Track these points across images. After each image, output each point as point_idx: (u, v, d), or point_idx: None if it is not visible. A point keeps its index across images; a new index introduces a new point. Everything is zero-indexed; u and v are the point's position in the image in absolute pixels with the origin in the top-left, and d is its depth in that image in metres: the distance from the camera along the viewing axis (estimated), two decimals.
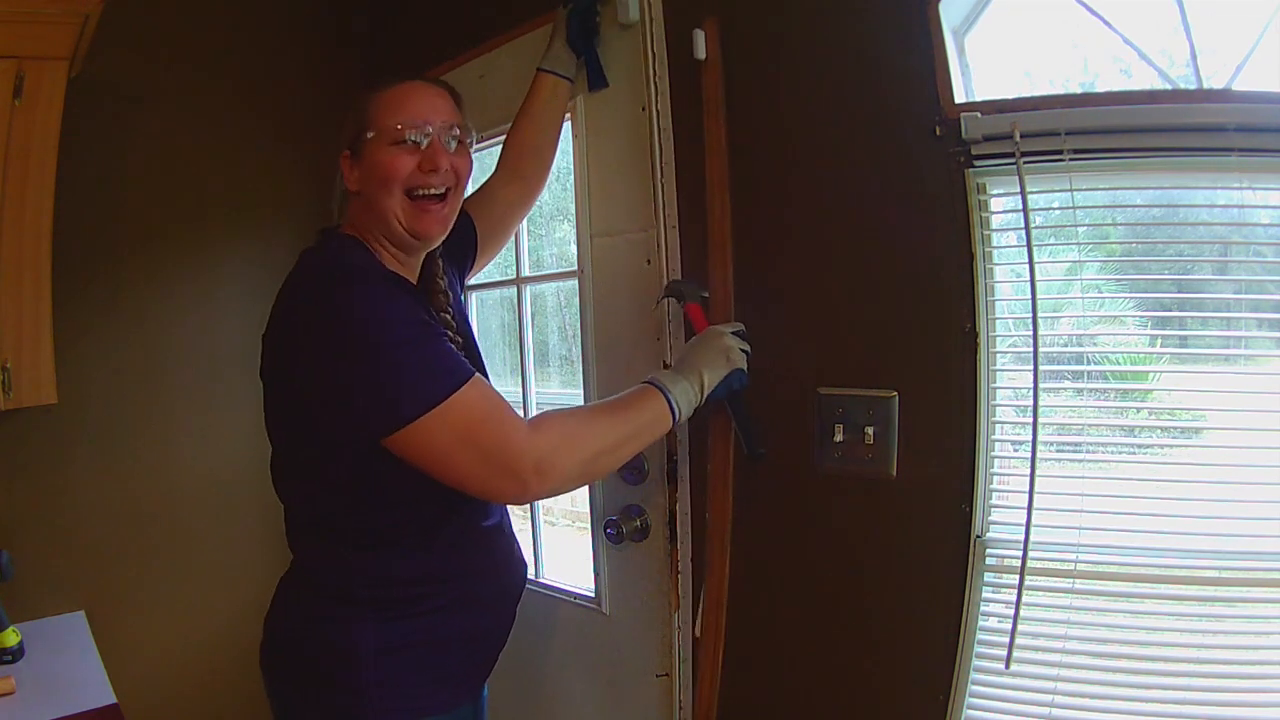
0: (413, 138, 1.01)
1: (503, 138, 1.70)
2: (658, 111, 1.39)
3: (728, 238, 1.33)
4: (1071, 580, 1.10)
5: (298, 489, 1.06)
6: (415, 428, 0.91)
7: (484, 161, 1.88)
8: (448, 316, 1.15)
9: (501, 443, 0.94)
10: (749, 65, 1.32)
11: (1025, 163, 1.06)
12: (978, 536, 1.14)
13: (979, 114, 1.08)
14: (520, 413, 1.73)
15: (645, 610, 1.47)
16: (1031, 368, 1.08)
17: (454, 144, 1.05)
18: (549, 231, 1.85)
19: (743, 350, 1.18)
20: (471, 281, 1.84)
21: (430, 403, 0.90)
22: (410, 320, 0.96)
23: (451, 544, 1.06)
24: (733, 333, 1.19)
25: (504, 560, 1.15)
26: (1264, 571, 1.02)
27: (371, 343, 0.92)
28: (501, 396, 0.99)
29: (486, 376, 1.13)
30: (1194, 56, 1.06)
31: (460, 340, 1.13)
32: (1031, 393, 1.07)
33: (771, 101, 1.30)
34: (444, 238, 1.10)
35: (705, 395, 1.12)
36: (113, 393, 1.79)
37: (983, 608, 1.15)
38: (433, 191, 1.03)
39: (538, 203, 1.83)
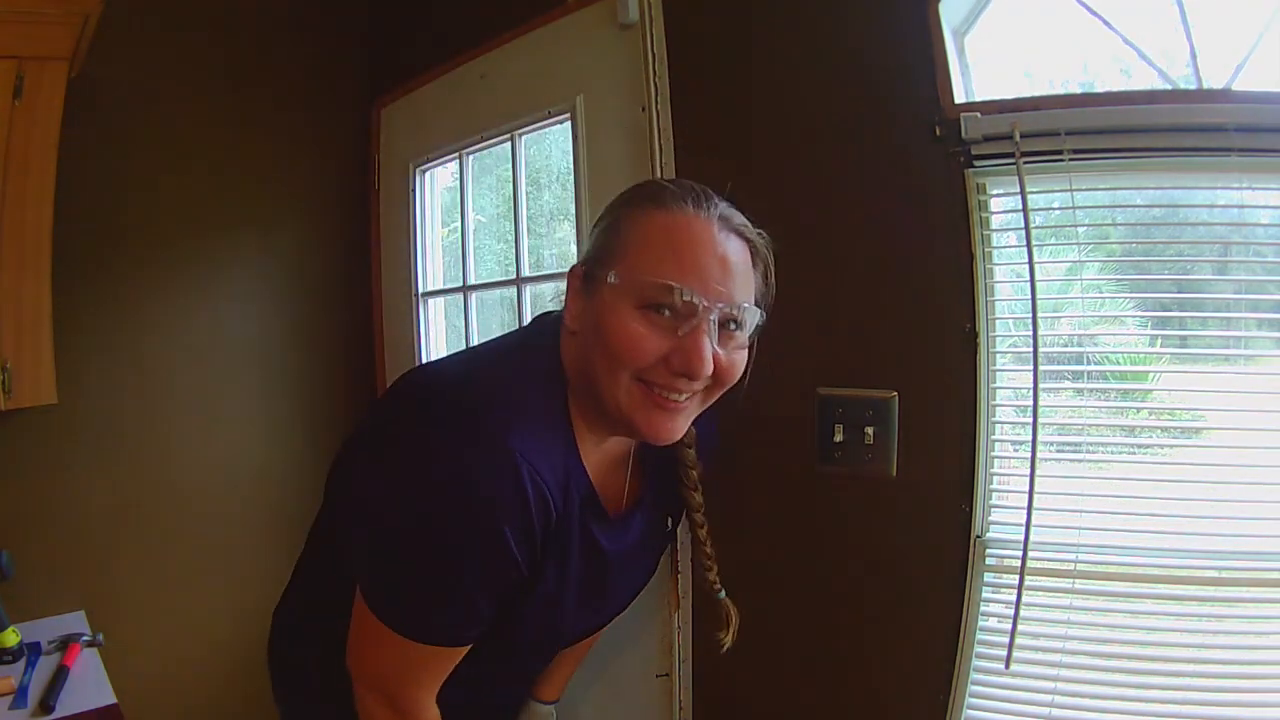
0: (672, 310, 0.70)
1: (503, 138, 1.71)
2: (658, 112, 1.39)
3: None
4: (1071, 580, 1.10)
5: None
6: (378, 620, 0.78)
7: (483, 161, 1.87)
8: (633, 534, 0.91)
9: (408, 701, 0.83)
10: (750, 64, 1.32)
11: (1025, 163, 1.06)
12: (978, 536, 1.14)
13: (979, 114, 1.08)
14: None
15: (645, 610, 1.47)
16: (1031, 368, 1.08)
17: (733, 329, 0.74)
18: (549, 231, 1.85)
19: None
20: (472, 281, 1.84)
21: (392, 624, 0.76)
22: (459, 544, 0.70)
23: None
24: None
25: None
26: (1264, 571, 1.02)
27: (393, 537, 0.73)
28: (440, 673, 0.83)
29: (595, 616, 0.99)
30: (1194, 56, 1.06)
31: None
32: (1031, 393, 1.08)
33: (771, 101, 1.30)
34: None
35: None
36: (113, 392, 1.79)
37: (983, 608, 1.15)
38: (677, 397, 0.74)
39: (538, 203, 1.83)
